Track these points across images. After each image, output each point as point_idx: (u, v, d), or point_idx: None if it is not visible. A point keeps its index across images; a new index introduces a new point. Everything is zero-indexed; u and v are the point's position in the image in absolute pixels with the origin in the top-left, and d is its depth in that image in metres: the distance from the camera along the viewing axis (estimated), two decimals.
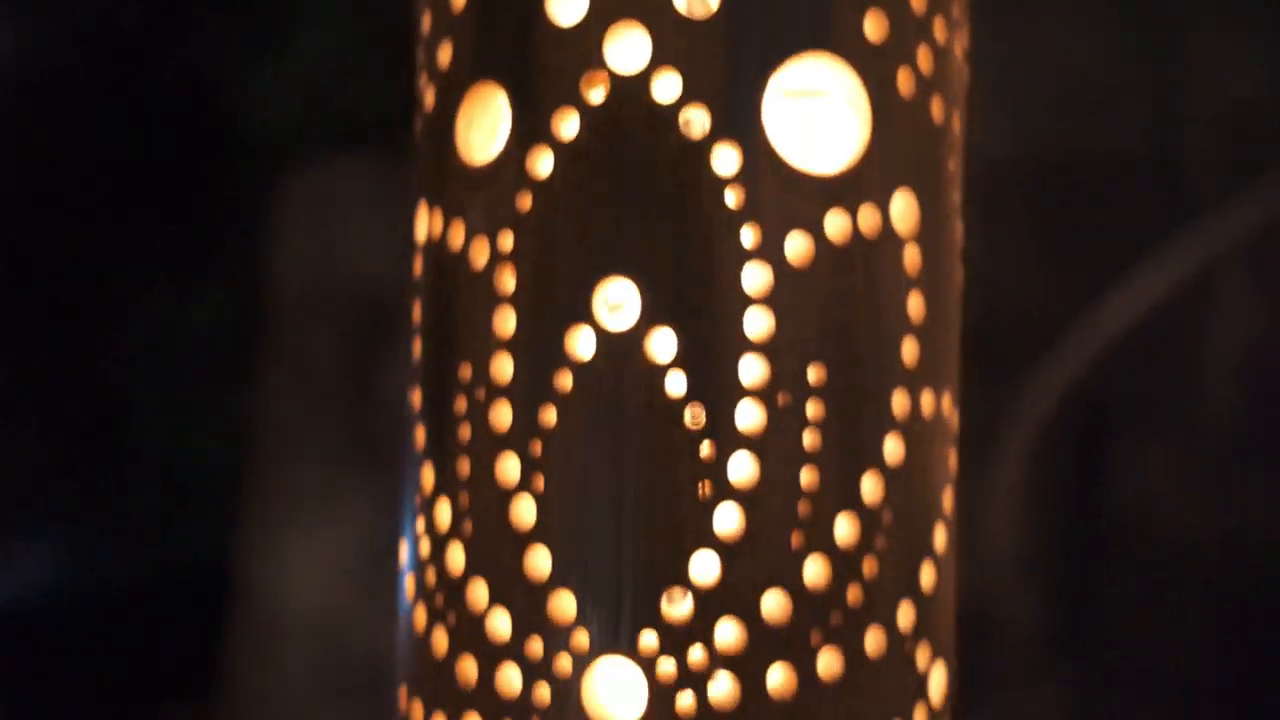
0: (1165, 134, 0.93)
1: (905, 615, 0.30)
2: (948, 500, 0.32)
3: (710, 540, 0.28)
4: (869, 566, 0.29)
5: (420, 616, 0.31)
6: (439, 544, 0.31)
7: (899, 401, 0.30)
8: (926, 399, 0.31)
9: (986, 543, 0.87)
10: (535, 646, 0.29)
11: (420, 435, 0.32)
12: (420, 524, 0.32)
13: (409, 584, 0.32)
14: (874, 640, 0.29)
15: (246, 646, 0.97)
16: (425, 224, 0.32)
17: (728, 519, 0.28)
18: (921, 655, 0.31)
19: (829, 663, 0.29)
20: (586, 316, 0.29)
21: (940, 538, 0.31)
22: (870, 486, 0.29)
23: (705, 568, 0.28)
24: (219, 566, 1.03)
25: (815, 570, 0.29)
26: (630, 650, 0.28)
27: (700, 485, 0.28)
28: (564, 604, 0.29)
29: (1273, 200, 0.81)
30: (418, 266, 0.33)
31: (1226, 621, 0.79)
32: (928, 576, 0.31)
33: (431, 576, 0.31)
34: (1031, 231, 0.95)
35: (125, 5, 1.07)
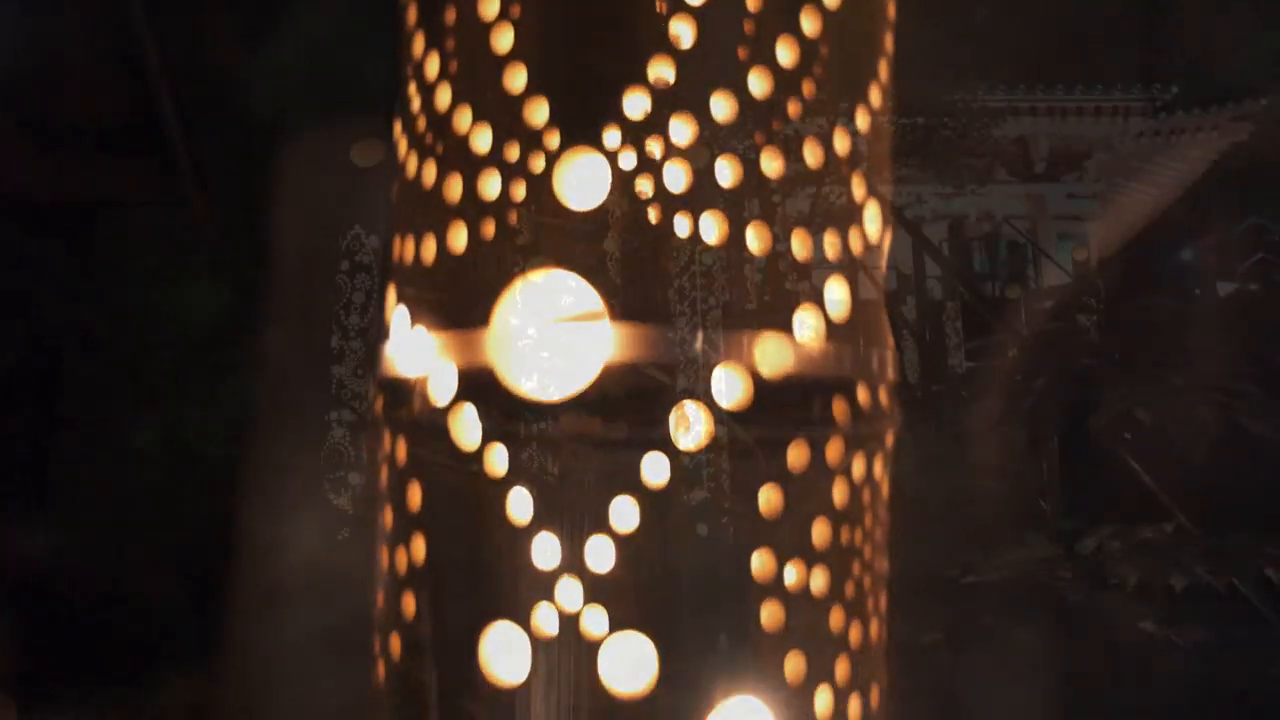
0: (1151, 82, 0.97)
1: (841, 142, 0.34)
2: (884, 71, 0.36)
3: (666, 48, 0.32)
4: (808, 88, 0.33)
5: (411, 164, 0.35)
6: (428, 93, 0.35)
7: None
8: None
9: (977, 464, 0.90)
10: (512, 151, 0.33)
11: (411, 12, 0.36)
12: (411, 87, 0.35)
13: (401, 143, 0.36)
14: (813, 152, 0.33)
15: (248, 610, 1.00)
16: None
17: (682, 31, 0.32)
18: (857, 185, 0.34)
19: (770, 162, 0.33)
20: None
21: (876, 96, 0.35)
22: (809, 22, 0.33)
23: (661, 72, 0.32)
24: (220, 535, 1.06)
25: (759, 81, 0.33)
26: (596, 144, 0.32)
27: (657, 2, 0.32)
28: (538, 110, 0.33)
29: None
30: None
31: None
32: (863, 120, 0.35)
33: (421, 124, 0.35)
34: None
35: None
